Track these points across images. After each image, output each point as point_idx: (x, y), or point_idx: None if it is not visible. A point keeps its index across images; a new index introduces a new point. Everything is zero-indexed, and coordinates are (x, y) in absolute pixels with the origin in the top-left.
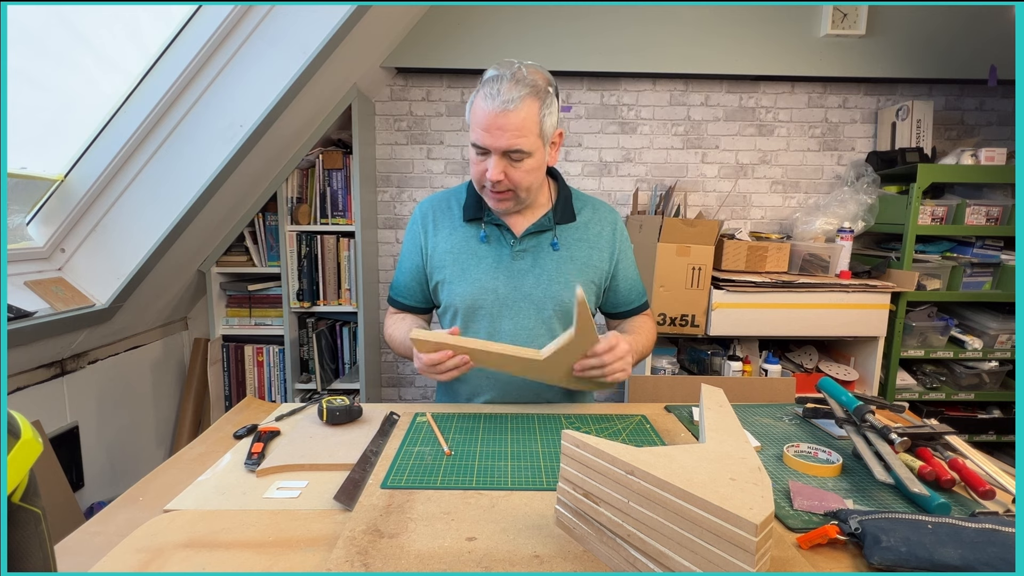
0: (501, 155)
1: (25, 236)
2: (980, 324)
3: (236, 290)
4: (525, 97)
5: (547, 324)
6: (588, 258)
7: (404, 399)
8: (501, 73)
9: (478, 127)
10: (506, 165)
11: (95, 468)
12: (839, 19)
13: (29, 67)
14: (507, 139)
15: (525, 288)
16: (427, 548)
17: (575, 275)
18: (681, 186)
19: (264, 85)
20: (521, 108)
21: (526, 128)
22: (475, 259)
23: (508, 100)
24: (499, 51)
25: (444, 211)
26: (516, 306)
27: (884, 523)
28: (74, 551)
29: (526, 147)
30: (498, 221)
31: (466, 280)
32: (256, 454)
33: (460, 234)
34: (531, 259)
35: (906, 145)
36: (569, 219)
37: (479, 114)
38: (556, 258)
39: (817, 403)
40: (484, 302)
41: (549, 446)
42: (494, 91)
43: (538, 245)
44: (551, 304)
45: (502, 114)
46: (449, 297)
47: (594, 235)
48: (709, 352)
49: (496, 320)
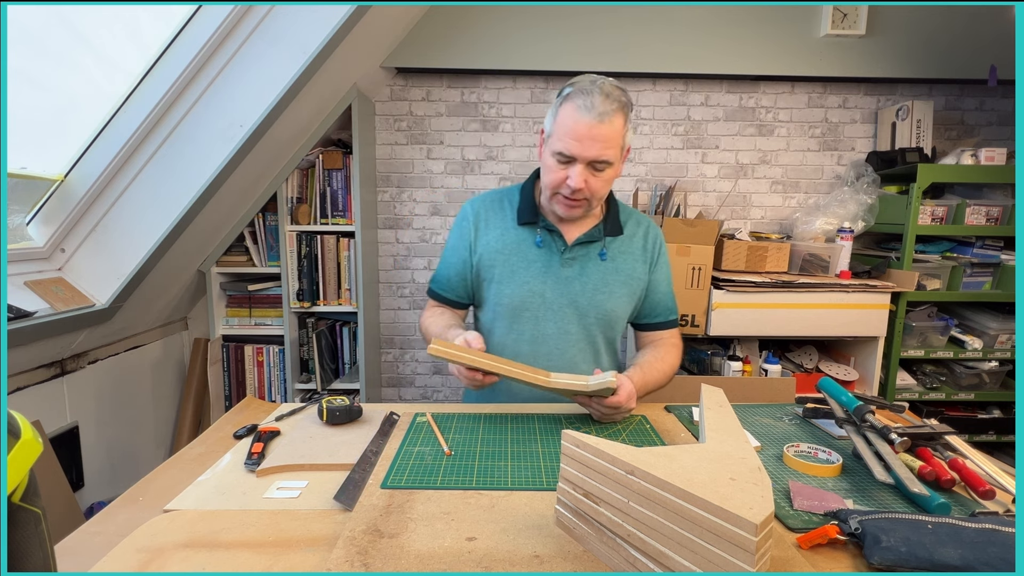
0: (586, 164)
1: (25, 236)
2: (980, 324)
3: (236, 290)
4: (616, 111)
5: (587, 331)
6: (632, 270)
7: (404, 399)
8: (591, 87)
9: (568, 136)
10: (588, 174)
11: (95, 468)
12: (839, 19)
13: (29, 67)
14: (597, 149)
15: (571, 295)
16: (427, 548)
17: (619, 286)
18: (681, 186)
19: (264, 85)
20: (614, 121)
21: (613, 140)
22: (525, 262)
23: (603, 113)
24: (499, 51)
25: (497, 211)
26: (561, 311)
27: (884, 523)
28: (74, 551)
29: (611, 158)
30: (551, 227)
31: (515, 281)
32: (256, 454)
33: (512, 236)
34: (579, 267)
35: (906, 145)
36: (617, 232)
37: (570, 124)
38: (603, 268)
39: (817, 403)
40: (530, 304)
41: (549, 446)
42: (588, 103)
43: (586, 254)
44: (594, 312)
45: (597, 125)
46: (497, 296)
47: (638, 248)
48: (709, 352)
49: (540, 323)
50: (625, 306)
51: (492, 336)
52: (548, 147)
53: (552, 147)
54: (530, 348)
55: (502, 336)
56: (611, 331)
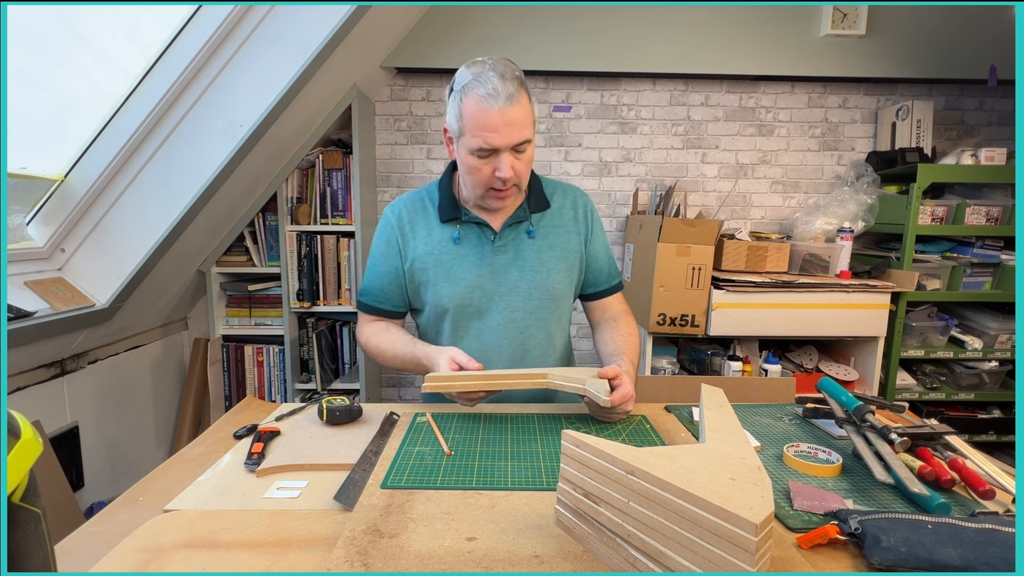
0: (509, 150)
1: (25, 236)
2: (980, 324)
3: (236, 290)
4: (519, 89)
5: (534, 314)
6: (566, 243)
7: (404, 399)
8: (483, 73)
9: (483, 130)
10: (512, 159)
11: (95, 468)
12: (839, 19)
13: (29, 67)
14: (517, 133)
15: (510, 281)
16: (427, 548)
17: (555, 261)
18: (681, 186)
19: (264, 85)
20: (521, 99)
21: (528, 118)
22: (457, 258)
23: (509, 95)
24: (499, 51)
25: (419, 212)
26: (503, 300)
27: (884, 523)
28: (74, 551)
29: (530, 135)
30: (476, 219)
31: (451, 280)
32: (256, 454)
33: (438, 235)
34: (512, 252)
35: (906, 145)
36: (543, 206)
37: (481, 116)
38: (535, 247)
39: (817, 403)
40: (472, 299)
41: (549, 446)
42: (491, 90)
43: (517, 237)
44: (536, 294)
45: (508, 110)
46: (435, 298)
47: (568, 219)
48: (709, 352)
49: (485, 315)
50: (565, 280)
51: (439, 340)
52: (462, 146)
53: (468, 145)
54: (478, 343)
55: (448, 337)
56: (557, 310)
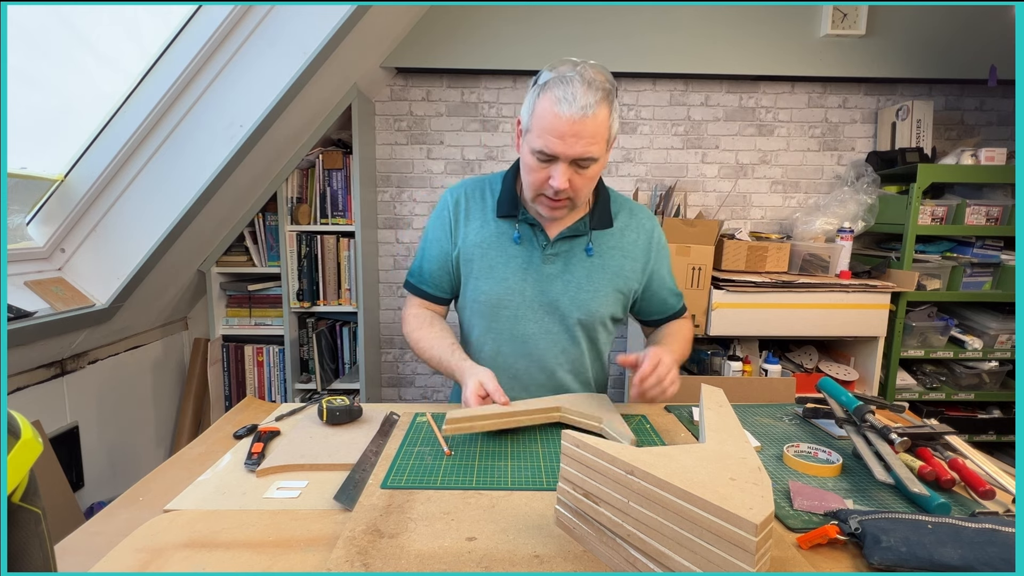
0: (569, 163)
1: (25, 236)
2: (980, 324)
3: (236, 290)
4: (600, 101)
5: (570, 332)
6: (620, 267)
7: (404, 399)
8: (570, 75)
9: (549, 134)
10: (572, 173)
11: (95, 468)
12: (839, 19)
13: (29, 67)
14: (582, 146)
15: (552, 293)
16: (427, 548)
17: (605, 284)
18: (681, 186)
19: (264, 85)
20: (598, 113)
21: (599, 135)
22: (504, 257)
23: (586, 106)
24: (499, 51)
25: (478, 200)
26: (541, 311)
27: (884, 523)
28: (74, 551)
29: (597, 154)
30: (532, 220)
31: (493, 278)
32: (256, 454)
33: (492, 228)
34: (562, 264)
35: (906, 145)
36: (606, 225)
37: (550, 120)
38: (588, 265)
39: (817, 403)
40: (509, 303)
41: (549, 446)
42: (568, 95)
43: (570, 250)
44: (577, 312)
45: (580, 121)
46: (474, 293)
47: (629, 243)
48: (709, 352)
49: (519, 322)
50: (612, 306)
51: (471, 335)
52: (526, 143)
53: (531, 144)
54: (510, 348)
55: (480, 335)
56: (595, 332)
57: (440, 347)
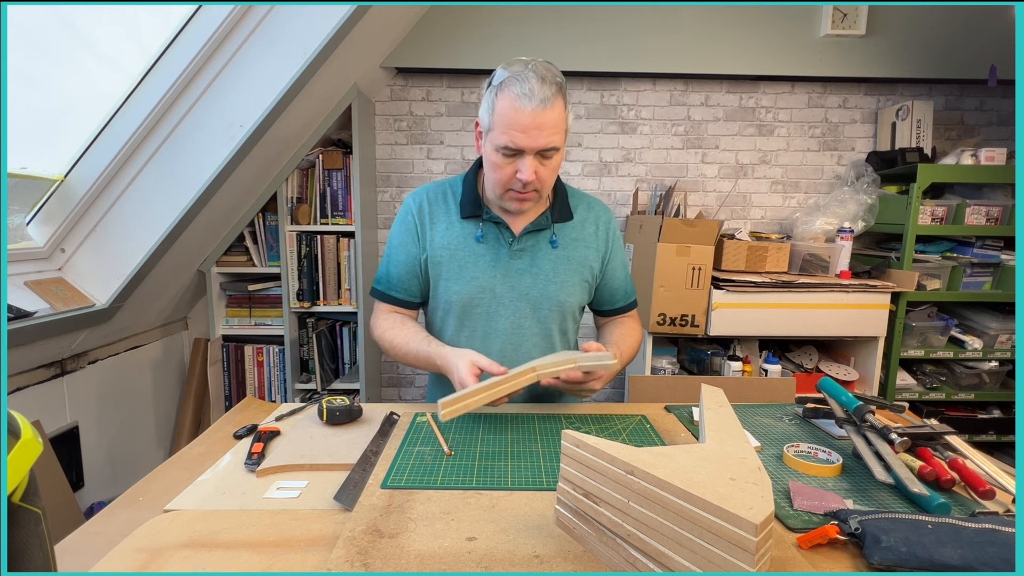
0: (534, 155)
1: (25, 236)
2: (980, 324)
3: (236, 290)
4: (556, 94)
5: (542, 324)
6: (584, 257)
7: (404, 399)
8: (523, 72)
9: (513, 128)
10: (537, 164)
11: (95, 468)
12: (839, 19)
13: (29, 67)
14: (545, 137)
15: (522, 287)
16: (427, 548)
17: (571, 274)
18: (681, 186)
19: (264, 85)
20: (556, 105)
21: (559, 125)
22: (472, 256)
23: (544, 99)
24: (499, 51)
25: (440, 204)
26: (513, 305)
27: (884, 523)
28: (74, 551)
29: (559, 143)
30: (496, 219)
31: (463, 278)
32: (256, 454)
33: (457, 230)
34: (529, 258)
35: (906, 145)
36: (567, 217)
37: (512, 115)
38: (554, 257)
39: (817, 403)
40: (481, 301)
41: (549, 446)
42: (526, 90)
43: (536, 244)
44: (547, 303)
45: (541, 113)
46: (445, 294)
47: (589, 234)
48: (709, 352)
49: (492, 319)
50: (579, 295)
51: (443, 335)
52: (489, 142)
53: (495, 142)
54: (482, 345)
55: (453, 334)
56: (565, 322)
57: (416, 340)
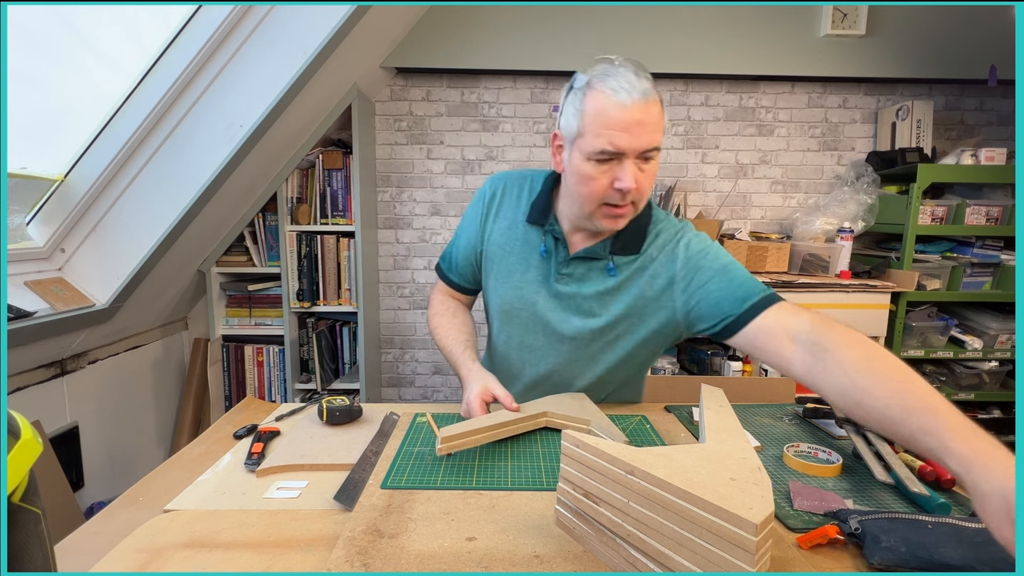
0: (634, 158)
1: (25, 236)
2: (980, 324)
3: (236, 290)
4: (654, 88)
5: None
6: (641, 293)
7: (404, 399)
8: (613, 68)
9: (612, 128)
10: (635, 170)
11: (95, 468)
12: (839, 19)
13: (29, 67)
14: (648, 135)
15: (560, 314)
16: (427, 548)
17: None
18: (681, 186)
19: (264, 85)
20: (656, 99)
21: (660, 122)
22: (523, 265)
23: (645, 91)
24: (499, 51)
25: (513, 197)
26: (549, 328)
27: (884, 523)
28: (74, 551)
29: (660, 143)
30: (557, 234)
31: (509, 283)
32: (256, 454)
33: (519, 232)
34: (575, 286)
35: (906, 145)
36: (631, 251)
37: (612, 113)
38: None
39: (817, 403)
40: (520, 312)
41: (549, 446)
42: (625, 84)
43: (586, 274)
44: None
45: (644, 106)
46: (491, 293)
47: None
48: (709, 352)
49: (528, 333)
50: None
51: (491, 328)
52: (578, 151)
53: (588, 148)
54: (518, 355)
55: (495, 334)
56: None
57: (454, 340)
